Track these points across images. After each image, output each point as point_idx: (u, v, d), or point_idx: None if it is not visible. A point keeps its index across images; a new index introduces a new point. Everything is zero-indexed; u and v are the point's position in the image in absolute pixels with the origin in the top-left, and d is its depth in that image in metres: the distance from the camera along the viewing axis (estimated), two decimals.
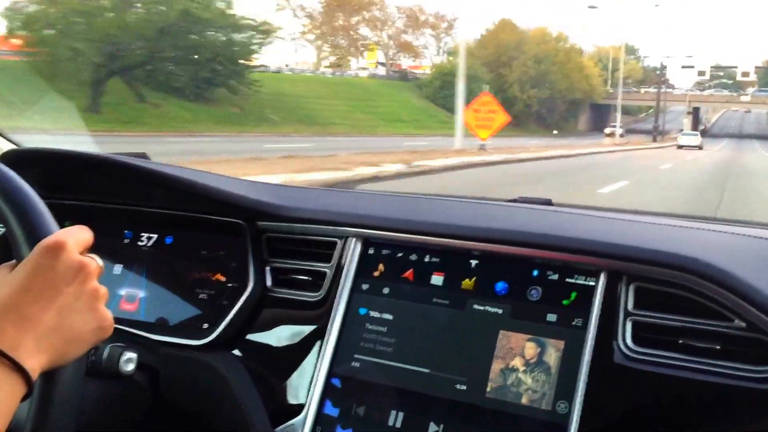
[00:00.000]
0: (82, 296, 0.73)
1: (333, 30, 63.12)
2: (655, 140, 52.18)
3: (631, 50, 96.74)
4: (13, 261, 0.77)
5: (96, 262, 0.77)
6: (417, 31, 69.04)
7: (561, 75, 63.54)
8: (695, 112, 79.08)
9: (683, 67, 66.13)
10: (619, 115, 52.89)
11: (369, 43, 66.13)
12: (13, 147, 1.49)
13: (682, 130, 64.62)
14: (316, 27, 63.19)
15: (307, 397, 1.18)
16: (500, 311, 1.12)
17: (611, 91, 72.75)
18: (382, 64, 66.07)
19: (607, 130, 54.14)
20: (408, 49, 68.42)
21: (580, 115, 72.53)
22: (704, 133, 69.84)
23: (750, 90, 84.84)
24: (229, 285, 1.32)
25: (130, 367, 1.10)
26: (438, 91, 53.60)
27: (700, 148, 42.49)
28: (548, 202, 1.44)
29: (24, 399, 0.69)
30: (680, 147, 42.68)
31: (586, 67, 70.86)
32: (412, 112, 49.82)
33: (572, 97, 65.37)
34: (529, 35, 64.56)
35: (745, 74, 66.24)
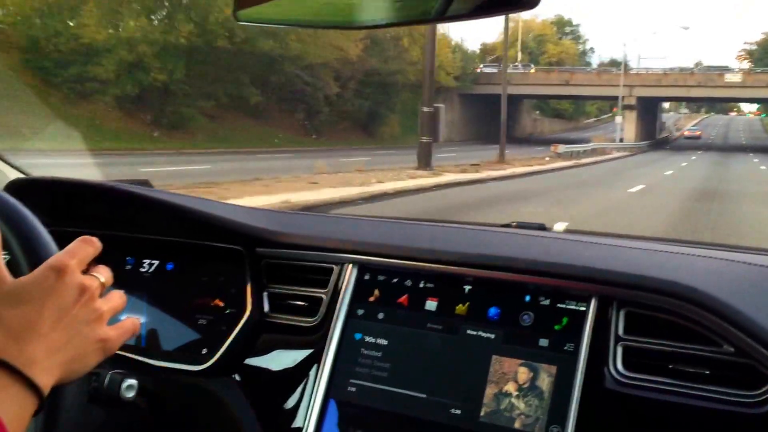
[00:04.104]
0: (85, 316, 0.77)
1: None
2: (426, 166, 17.55)
3: (567, 25, 71.05)
4: None
5: (99, 279, 0.80)
6: None
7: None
8: (642, 107, 49.84)
9: None
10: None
11: None
12: (20, 176, 1.52)
13: (618, 139, 45.44)
14: None
15: (304, 421, 1.19)
16: (493, 336, 1.13)
17: (475, 71, 46.93)
18: None
19: None
20: None
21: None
22: (664, 144, 54.55)
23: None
24: (228, 311, 1.34)
25: (131, 393, 1.13)
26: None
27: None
28: (542, 227, 1.46)
29: (35, 414, 0.72)
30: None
31: None
32: None
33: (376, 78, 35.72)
34: None
35: None
